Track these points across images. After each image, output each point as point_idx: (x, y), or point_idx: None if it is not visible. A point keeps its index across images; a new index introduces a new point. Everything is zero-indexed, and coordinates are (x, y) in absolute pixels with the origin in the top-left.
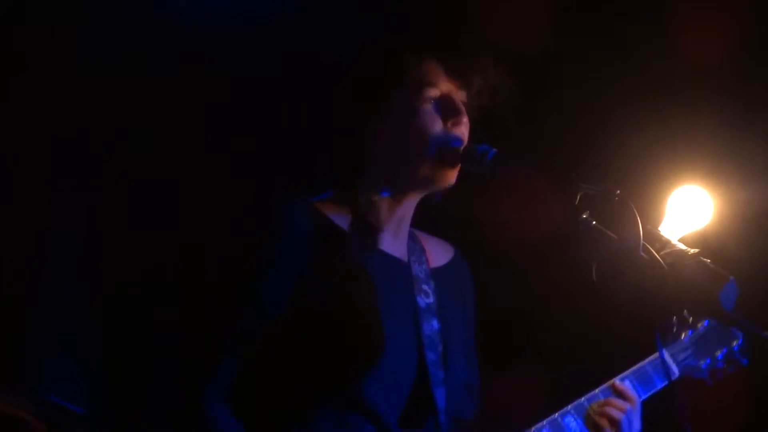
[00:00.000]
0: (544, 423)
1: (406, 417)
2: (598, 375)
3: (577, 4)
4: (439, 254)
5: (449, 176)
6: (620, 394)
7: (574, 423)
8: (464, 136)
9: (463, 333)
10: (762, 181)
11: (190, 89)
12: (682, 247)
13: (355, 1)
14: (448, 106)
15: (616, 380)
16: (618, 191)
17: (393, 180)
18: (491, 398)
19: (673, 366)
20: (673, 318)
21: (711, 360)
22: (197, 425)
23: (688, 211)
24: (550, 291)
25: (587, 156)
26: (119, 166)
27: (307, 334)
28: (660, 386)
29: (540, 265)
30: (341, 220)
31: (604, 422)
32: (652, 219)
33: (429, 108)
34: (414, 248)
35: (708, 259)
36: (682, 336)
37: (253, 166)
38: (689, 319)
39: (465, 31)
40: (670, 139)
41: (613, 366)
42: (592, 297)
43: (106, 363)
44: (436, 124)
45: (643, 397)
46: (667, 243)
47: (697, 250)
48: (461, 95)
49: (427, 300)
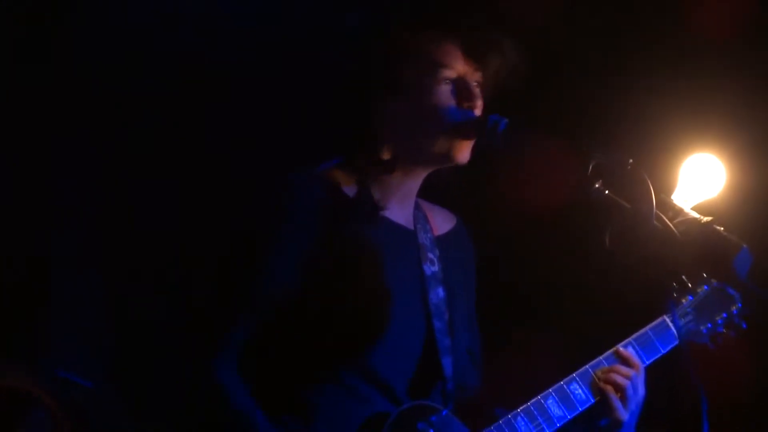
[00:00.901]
0: (550, 391)
1: (414, 386)
2: (609, 343)
3: None
4: (442, 222)
5: (463, 152)
6: (624, 361)
7: (579, 390)
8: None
9: (466, 301)
10: None
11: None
12: (695, 215)
13: None
14: (463, 89)
15: (619, 346)
16: (630, 160)
17: (404, 154)
18: (498, 366)
19: (674, 331)
20: (674, 284)
21: (712, 325)
22: (207, 390)
23: (700, 179)
24: (563, 260)
25: (599, 125)
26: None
27: (316, 304)
28: (663, 351)
29: (553, 234)
30: (349, 190)
31: (609, 389)
32: (664, 188)
33: (444, 89)
34: (419, 216)
35: (721, 227)
36: (682, 301)
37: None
38: (688, 284)
39: (483, 9)
40: (683, 107)
41: (624, 334)
42: (605, 266)
43: (115, 338)
44: (450, 105)
45: (647, 362)
46: (680, 211)
47: (710, 218)
48: (477, 76)
49: (432, 268)
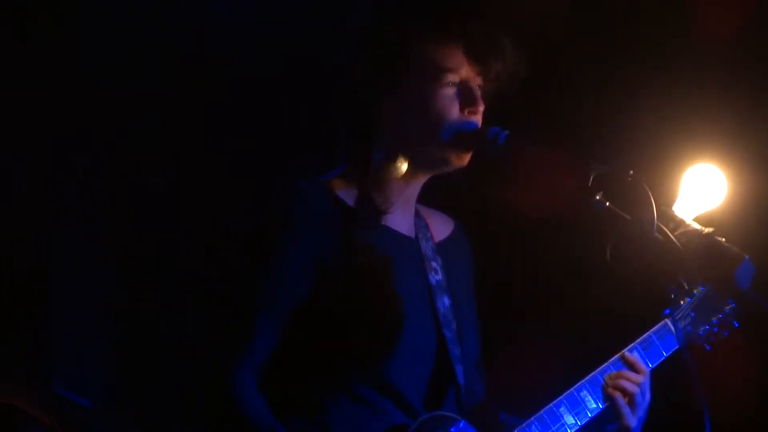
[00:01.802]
0: (561, 399)
1: (428, 396)
2: (610, 349)
3: None
4: (441, 227)
5: (462, 159)
6: (631, 366)
7: (589, 397)
8: (479, 123)
9: (469, 308)
10: None
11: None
12: (696, 226)
13: None
14: (467, 93)
15: (625, 351)
16: (631, 171)
17: (406, 159)
18: (502, 373)
19: (675, 333)
20: (671, 286)
21: (709, 326)
22: (226, 404)
23: (702, 190)
24: (564, 273)
25: (600, 136)
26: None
27: (327, 316)
28: (666, 355)
29: (554, 246)
30: (351, 198)
31: (618, 394)
32: (665, 199)
33: (447, 92)
34: (419, 224)
35: (723, 238)
36: (681, 303)
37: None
38: (685, 287)
39: (487, 13)
40: (683, 118)
41: (625, 341)
42: (607, 277)
43: (113, 356)
44: (453, 110)
45: (651, 366)
46: (681, 223)
47: (711, 230)
48: (479, 80)
49: (436, 277)
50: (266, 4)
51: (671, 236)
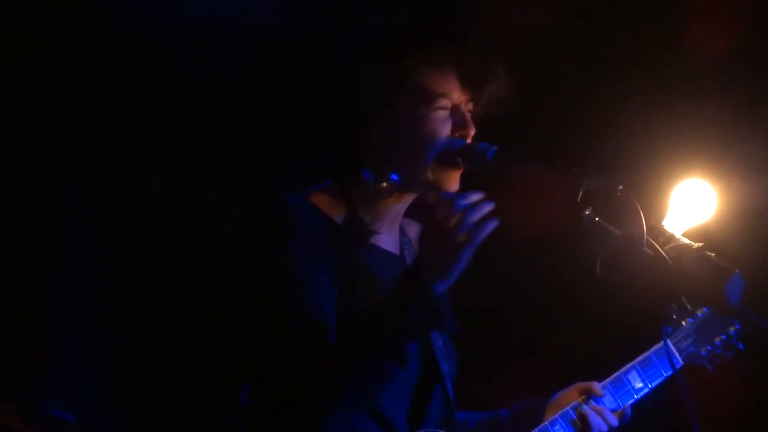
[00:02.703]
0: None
1: (418, 415)
2: (601, 371)
3: None
4: None
5: (452, 181)
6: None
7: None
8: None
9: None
10: (765, 174)
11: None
12: (686, 241)
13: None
14: (458, 117)
15: (622, 370)
16: (620, 186)
17: (393, 180)
18: (495, 395)
19: (677, 354)
20: (673, 306)
21: (711, 347)
22: None
23: (691, 205)
24: (554, 288)
25: (589, 151)
26: (121, 169)
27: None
28: (666, 375)
29: (543, 262)
30: (338, 215)
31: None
32: (655, 214)
33: (439, 116)
34: (404, 241)
35: (712, 252)
36: (683, 324)
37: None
38: (688, 307)
39: (481, 38)
40: (673, 133)
41: (617, 362)
42: (596, 293)
43: (100, 372)
44: (444, 132)
45: (651, 386)
46: (671, 237)
47: (701, 244)
48: (470, 105)
49: None
50: (267, 5)
51: (661, 251)
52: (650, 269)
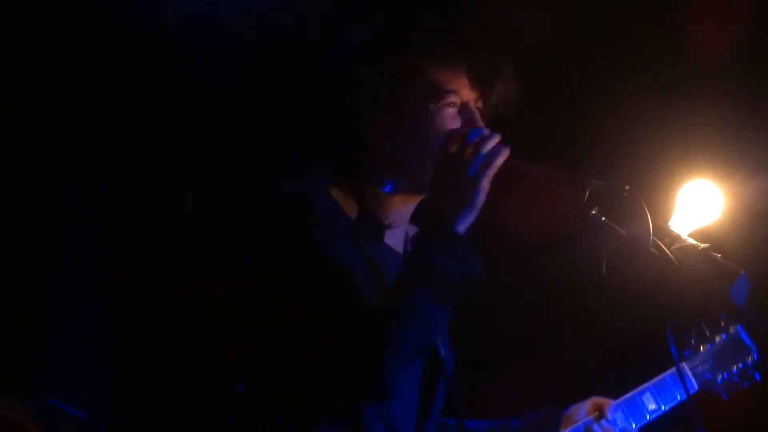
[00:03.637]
0: None
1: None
2: (606, 372)
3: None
4: None
5: None
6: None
7: None
8: None
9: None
10: None
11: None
12: (692, 242)
13: None
14: (467, 115)
15: (636, 390)
16: (627, 186)
17: (404, 179)
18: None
19: (692, 379)
20: (692, 331)
21: (728, 375)
22: None
23: (697, 205)
24: (559, 288)
25: (596, 151)
26: (122, 168)
27: (318, 328)
28: (679, 399)
29: (549, 262)
30: (350, 210)
31: None
32: (661, 214)
33: (448, 112)
34: (408, 241)
35: (718, 253)
36: (701, 349)
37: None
38: (707, 333)
39: (491, 36)
40: (679, 133)
41: (622, 363)
42: (602, 294)
43: (107, 367)
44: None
45: (664, 409)
46: (677, 238)
47: (707, 245)
48: (479, 104)
49: None
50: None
51: (667, 251)
52: (656, 269)
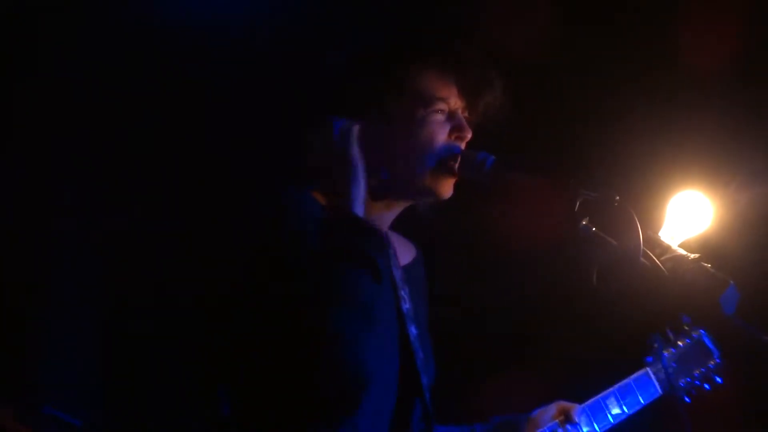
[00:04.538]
0: None
1: (396, 428)
2: (594, 381)
3: (577, 10)
4: (404, 252)
5: (447, 187)
6: None
7: None
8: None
9: (427, 335)
10: (761, 185)
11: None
12: (682, 252)
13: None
14: (455, 122)
15: (601, 395)
16: (617, 197)
17: (389, 186)
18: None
19: (656, 384)
20: (656, 335)
21: (690, 378)
22: None
23: (688, 216)
24: (549, 297)
25: (586, 162)
26: (120, 169)
27: (300, 336)
28: (643, 404)
29: (539, 271)
30: (333, 213)
31: None
32: (652, 224)
33: (437, 118)
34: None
35: (708, 263)
36: (665, 353)
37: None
38: (671, 337)
39: (479, 46)
40: (670, 144)
41: (609, 371)
42: (592, 303)
43: (104, 375)
44: (441, 135)
45: (628, 413)
46: (667, 248)
47: (697, 255)
48: (466, 112)
49: (406, 305)
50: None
51: (657, 262)
52: (646, 279)
